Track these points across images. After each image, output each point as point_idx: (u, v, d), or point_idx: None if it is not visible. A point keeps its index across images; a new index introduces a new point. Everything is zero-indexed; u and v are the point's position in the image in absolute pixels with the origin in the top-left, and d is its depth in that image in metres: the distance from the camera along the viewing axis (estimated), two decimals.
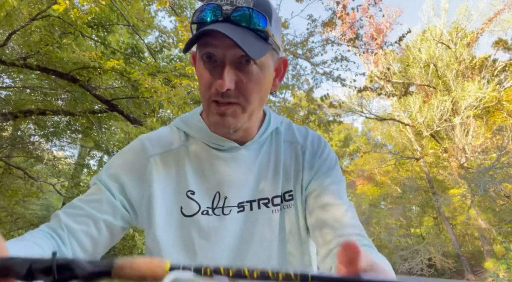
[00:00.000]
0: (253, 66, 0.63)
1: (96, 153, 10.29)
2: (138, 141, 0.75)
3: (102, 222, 0.64)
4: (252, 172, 0.73)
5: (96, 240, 0.64)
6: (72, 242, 0.61)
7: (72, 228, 0.61)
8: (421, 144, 15.32)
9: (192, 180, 0.71)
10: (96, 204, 0.65)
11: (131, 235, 6.38)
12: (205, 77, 0.63)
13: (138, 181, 0.69)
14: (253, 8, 0.60)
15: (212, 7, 0.61)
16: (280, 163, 0.75)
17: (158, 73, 4.55)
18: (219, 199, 0.70)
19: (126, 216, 0.68)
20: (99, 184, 0.68)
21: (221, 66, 0.61)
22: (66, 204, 0.66)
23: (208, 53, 0.62)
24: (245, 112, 0.65)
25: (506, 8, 13.09)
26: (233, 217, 0.70)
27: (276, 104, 5.08)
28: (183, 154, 0.73)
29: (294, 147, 0.78)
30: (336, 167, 0.78)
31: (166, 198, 0.69)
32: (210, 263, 0.66)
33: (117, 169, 0.70)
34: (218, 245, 0.67)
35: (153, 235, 0.67)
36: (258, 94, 0.65)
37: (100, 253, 0.66)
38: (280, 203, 0.72)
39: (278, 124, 0.80)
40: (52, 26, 5.17)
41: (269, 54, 0.65)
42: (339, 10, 5.17)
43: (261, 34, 0.62)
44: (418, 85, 14.75)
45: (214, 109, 0.64)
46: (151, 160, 0.71)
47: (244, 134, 0.74)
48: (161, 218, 0.68)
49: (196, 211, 0.69)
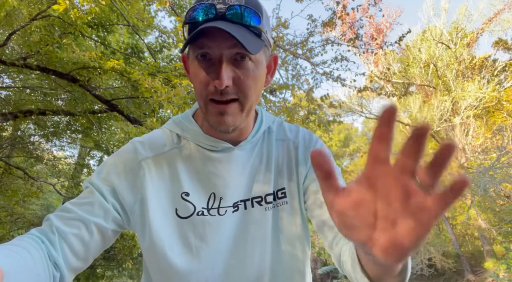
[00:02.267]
0: (249, 62, 0.64)
1: (96, 153, 10.28)
2: (130, 144, 0.74)
3: (94, 225, 0.63)
4: (246, 171, 0.74)
5: (87, 243, 0.62)
6: (63, 246, 0.59)
7: (63, 231, 0.60)
8: None
9: (186, 182, 0.70)
10: (88, 207, 0.64)
11: (131, 235, 6.38)
12: (201, 76, 0.63)
13: (131, 185, 0.68)
14: (246, 6, 0.61)
15: (205, 6, 0.61)
16: (272, 161, 0.76)
17: (158, 73, 4.55)
18: (214, 199, 0.70)
19: (118, 219, 0.67)
20: (91, 187, 0.67)
21: (217, 64, 0.62)
22: (58, 208, 0.65)
23: (204, 52, 0.62)
24: (244, 110, 0.66)
25: (506, 8, 13.09)
26: (228, 217, 0.70)
27: (276, 104, 5.08)
28: (176, 156, 0.73)
29: (286, 144, 0.79)
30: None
31: (160, 201, 0.69)
32: (207, 263, 0.66)
33: (109, 172, 0.69)
34: (215, 245, 0.67)
35: (149, 238, 0.67)
36: (254, 90, 0.66)
37: (91, 257, 0.65)
38: (272, 200, 0.73)
39: (270, 123, 0.81)
40: (52, 26, 5.17)
41: (262, 51, 0.67)
42: (339, 10, 5.17)
43: (255, 31, 0.63)
44: (418, 85, 14.74)
45: (212, 109, 0.64)
46: (143, 164, 0.70)
47: (237, 134, 0.74)
48: (157, 221, 0.67)
49: (192, 212, 0.68)
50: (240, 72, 0.63)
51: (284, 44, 5.10)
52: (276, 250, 0.71)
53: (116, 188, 0.67)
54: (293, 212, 0.74)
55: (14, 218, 8.13)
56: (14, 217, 8.13)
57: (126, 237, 7.38)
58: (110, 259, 9.45)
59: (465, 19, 14.03)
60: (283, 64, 5.27)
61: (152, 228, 0.67)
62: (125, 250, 8.19)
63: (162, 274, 0.68)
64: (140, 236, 0.69)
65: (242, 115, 0.67)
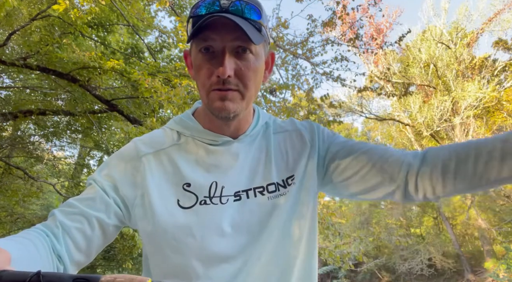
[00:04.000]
0: (250, 54, 0.67)
1: (96, 153, 10.29)
2: (131, 142, 0.77)
3: (95, 219, 0.65)
4: (246, 162, 0.76)
5: (89, 237, 0.64)
6: (66, 240, 0.62)
7: (66, 226, 0.62)
8: (421, 144, 15.32)
9: (187, 173, 0.72)
10: (90, 202, 0.66)
11: (131, 235, 6.38)
12: (205, 67, 0.67)
13: (132, 181, 0.71)
14: (247, 2, 0.66)
15: (207, 2, 0.65)
16: (271, 153, 0.78)
17: (158, 73, 4.55)
18: (216, 188, 0.71)
19: (119, 214, 0.69)
20: (94, 184, 0.70)
21: (221, 55, 0.65)
22: (62, 203, 0.68)
23: (207, 45, 0.66)
24: (244, 99, 0.69)
25: (506, 8, 13.09)
26: (230, 205, 0.71)
27: (276, 104, 5.07)
28: (176, 151, 0.75)
29: (288, 134, 0.82)
30: (334, 132, 0.86)
31: (162, 193, 0.70)
32: (212, 251, 0.67)
33: (110, 169, 0.72)
34: (218, 233, 0.68)
35: (152, 229, 0.68)
36: (254, 81, 0.69)
37: (93, 252, 0.66)
38: (274, 190, 0.74)
39: (267, 119, 0.85)
40: (52, 26, 5.17)
41: (262, 45, 0.71)
42: (339, 10, 5.17)
43: (255, 25, 0.67)
44: (418, 85, 14.74)
45: (215, 95, 0.67)
46: (143, 159, 0.73)
47: (236, 128, 0.76)
48: (159, 212, 0.68)
49: (194, 202, 0.70)
50: (242, 64, 0.67)
51: (284, 44, 5.10)
52: (280, 238, 0.71)
53: (117, 184, 0.70)
54: (302, 196, 0.75)
55: (14, 218, 8.13)
56: (14, 217, 8.13)
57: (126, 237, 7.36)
58: (110, 259, 9.45)
59: (465, 19, 14.04)
60: (283, 64, 5.27)
61: (155, 219, 0.68)
62: (125, 250, 8.19)
63: (164, 265, 0.69)
64: (141, 229, 0.70)
65: (242, 104, 0.69)
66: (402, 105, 14.66)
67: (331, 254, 5.06)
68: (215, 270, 0.66)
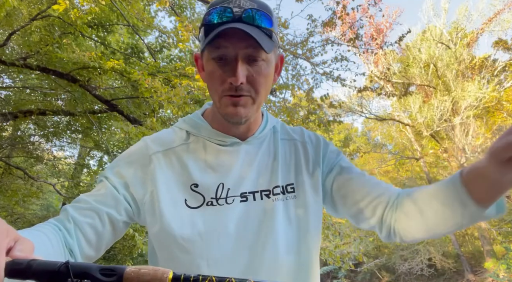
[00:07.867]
0: (261, 62, 0.69)
1: (96, 153, 10.27)
2: (141, 141, 0.79)
3: (106, 215, 0.67)
4: (254, 165, 0.77)
5: (100, 232, 0.66)
6: (78, 234, 0.64)
7: (78, 220, 0.64)
8: (421, 144, 15.32)
9: (195, 173, 0.74)
10: (101, 198, 0.68)
11: (131, 235, 6.37)
12: (218, 74, 0.69)
13: (142, 178, 0.72)
14: (258, 9, 0.67)
15: (219, 10, 0.67)
16: (278, 157, 0.80)
17: (158, 73, 4.55)
18: (223, 189, 0.73)
19: (129, 211, 0.71)
20: (105, 180, 0.72)
21: (233, 63, 0.67)
22: (74, 199, 0.70)
23: (220, 54, 0.68)
24: (255, 103, 0.72)
25: (506, 8, 13.09)
26: (236, 206, 0.72)
27: (276, 104, 5.08)
28: (185, 150, 0.77)
29: (293, 143, 0.84)
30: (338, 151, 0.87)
31: (170, 191, 0.72)
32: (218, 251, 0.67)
33: (121, 166, 0.74)
34: (223, 234, 0.70)
35: (160, 226, 0.69)
36: (265, 86, 0.72)
37: (103, 247, 0.69)
38: (280, 193, 0.76)
39: (274, 123, 0.86)
40: (52, 26, 5.16)
41: (272, 51, 0.72)
42: (339, 10, 5.17)
43: (267, 32, 0.69)
44: (418, 85, 14.74)
45: (227, 101, 0.70)
46: (153, 157, 0.74)
47: (246, 129, 0.78)
48: (167, 211, 0.70)
49: (201, 203, 0.71)
50: (253, 70, 0.69)
51: (284, 44, 5.10)
52: (283, 241, 0.72)
53: (128, 182, 0.71)
54: (302, 206, 0.76)
55: (14, 218, 8.13)
56: (14, 217, 8.13)
57: (126, 237, 7.35)
58: (110, 259, 9.44)
59: (465, 19, 14.03)
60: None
61: (162, 217, 0.69)
62: (125, 250, 8.18)
63: (171, 262, 0.70)
64: (150, 225, 0.72)
65: (253, 108, 0.72)
66: (402, 106, 14.66)
67: (331, 254, 5.06)
68: (221, 269, 0.67)
